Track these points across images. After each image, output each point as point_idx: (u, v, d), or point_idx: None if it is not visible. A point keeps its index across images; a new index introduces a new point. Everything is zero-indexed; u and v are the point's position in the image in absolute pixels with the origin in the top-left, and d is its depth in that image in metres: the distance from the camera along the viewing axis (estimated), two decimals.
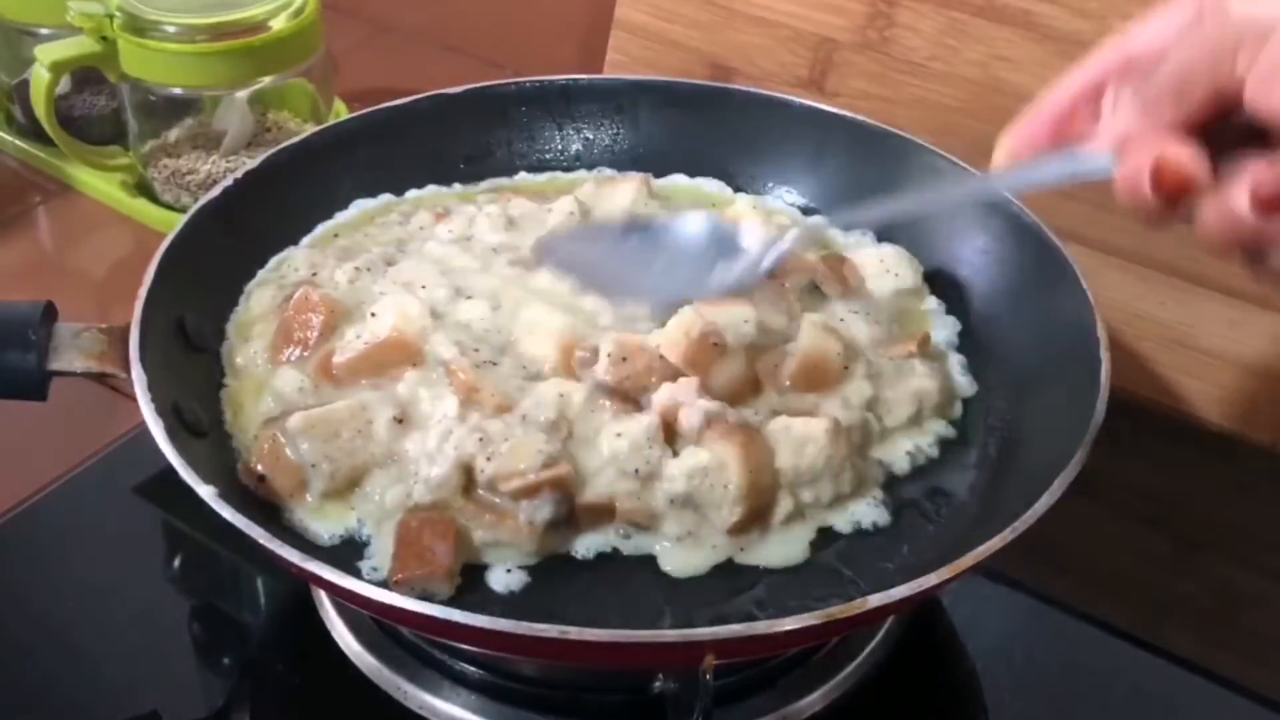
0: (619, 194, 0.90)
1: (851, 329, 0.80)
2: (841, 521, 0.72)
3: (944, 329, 0.85)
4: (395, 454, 0.72)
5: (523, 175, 0.98)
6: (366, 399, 0.73)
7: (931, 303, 0.86)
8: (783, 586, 0.70)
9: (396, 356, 0.75)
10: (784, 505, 0.71)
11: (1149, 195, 0.54)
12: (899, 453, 0.76)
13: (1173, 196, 0.54)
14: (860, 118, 0.94)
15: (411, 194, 0.94)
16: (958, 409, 0.80)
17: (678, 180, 0.97)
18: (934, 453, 0.77)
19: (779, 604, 0.68)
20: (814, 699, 0.74)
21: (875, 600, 0.63)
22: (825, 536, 0.72)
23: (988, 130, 0.98)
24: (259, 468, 0.71)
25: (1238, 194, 0.53)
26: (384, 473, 0.71)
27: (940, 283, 0.88)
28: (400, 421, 0.72)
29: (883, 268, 0.86)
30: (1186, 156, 0.54)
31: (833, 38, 1.07)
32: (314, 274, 0.83)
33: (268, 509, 0.71)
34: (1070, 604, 0.82)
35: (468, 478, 0.70)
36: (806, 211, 0.95)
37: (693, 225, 0.79)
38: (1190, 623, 0.82)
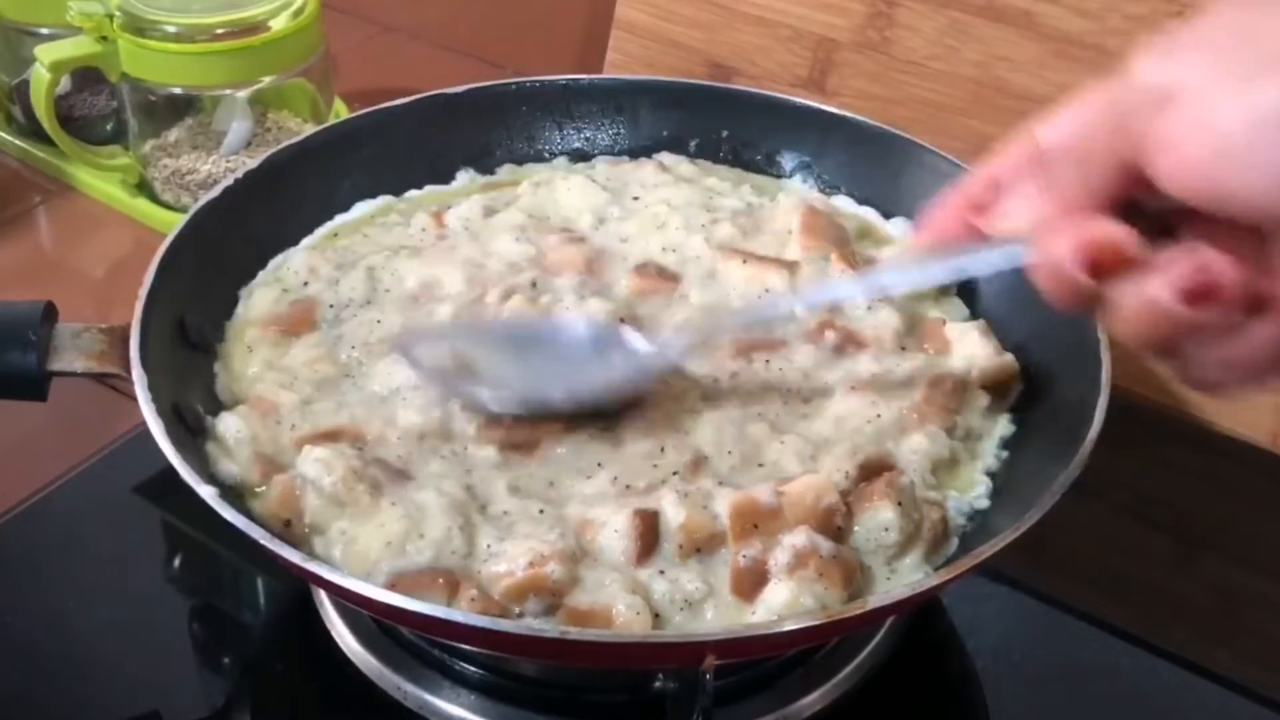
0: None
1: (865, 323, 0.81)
2: (859, 527, 0.70)
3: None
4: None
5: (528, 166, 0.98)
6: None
7: (947, 305, 0.85)
8: None
9: None
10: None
11: (1077, 277, 0.52)
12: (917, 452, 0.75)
13: (1104, 272, 0.51)
14: (860, 117, 0.94)
15: (412, 194, 0.94)
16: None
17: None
18: (944, 453, 0.76)
19: None
20: (814, 699, 0.74)
21: (875, 600, 0.63)
22: None
23: (988, 130, 1.00)
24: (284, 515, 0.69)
25: (1158, 283, 0.50)
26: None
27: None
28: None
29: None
30: (1113, 230, 0.51)
31: (833, 37, 1.07)
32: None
33: None
34: (1071, 604, 0.82)
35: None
36: None
37: (575, 328, 0.76)
38: (1190, 622, 0.82)
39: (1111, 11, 0.95)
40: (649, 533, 0.67)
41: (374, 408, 0.75)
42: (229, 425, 0.73)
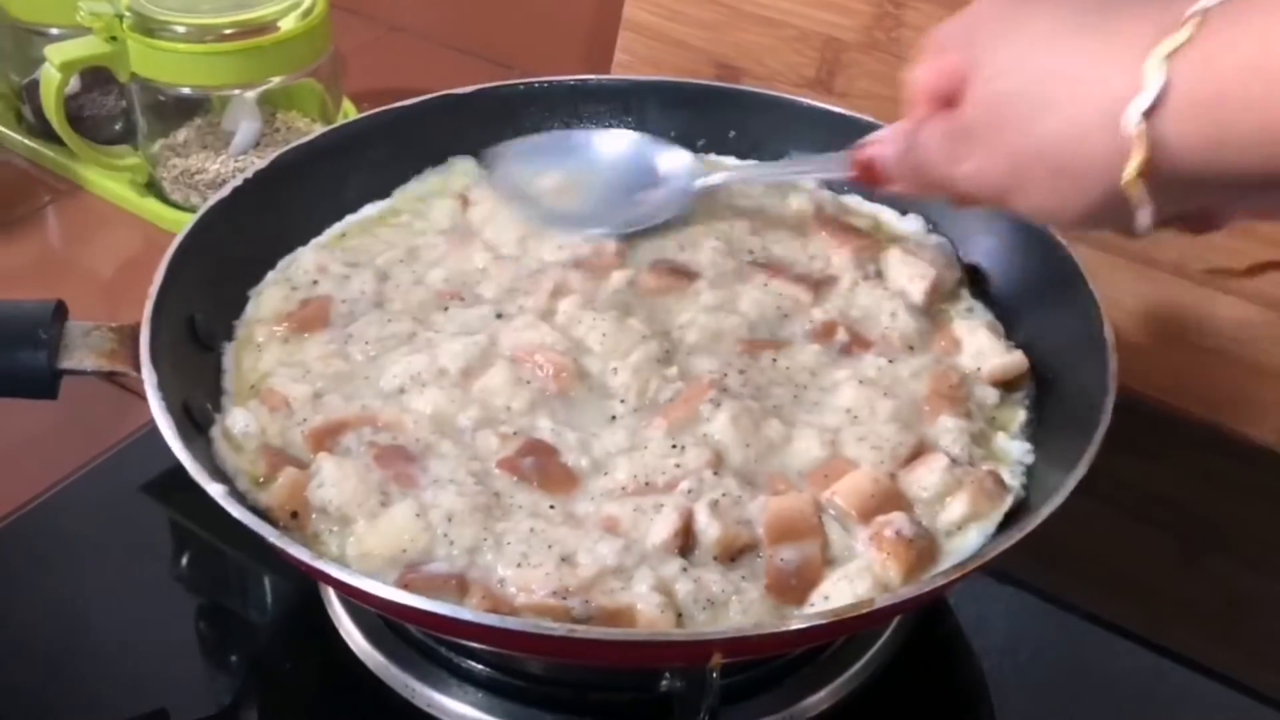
0: None
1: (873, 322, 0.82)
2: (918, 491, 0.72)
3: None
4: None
5: None
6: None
7: (956, 302, 0.85)
8: None
9: None
10: None
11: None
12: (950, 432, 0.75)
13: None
14: (868, 118, 0.94)
15: (411, 188, 0.94)
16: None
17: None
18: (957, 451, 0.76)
19: None
20: (821, 697, 0.74)
21: (882, 600, 0.63)
22: None
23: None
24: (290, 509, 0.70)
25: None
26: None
27: None
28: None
29: (909, 271, 0.85)
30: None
31: (839, 38, 1.07)
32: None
33: None
34: (1076, 604, 0.82)
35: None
36: None
37: (616, 147, 0.89)
38: (1195, 622, 0.82)
39: None
40: (684, 530, 0.68)
41: (388, 399, 0.75)
42: (238, 419, 0.73)
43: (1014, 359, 0.79)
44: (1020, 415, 0.78)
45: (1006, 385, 0.79)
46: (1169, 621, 0.82)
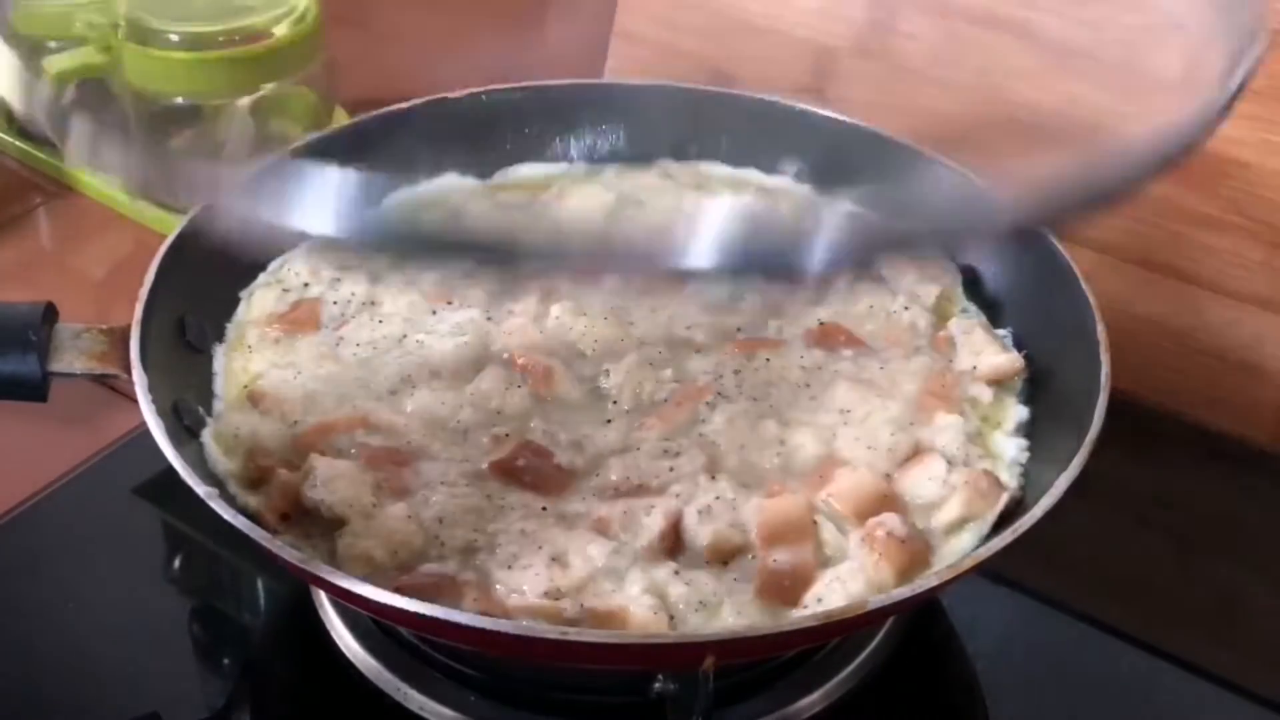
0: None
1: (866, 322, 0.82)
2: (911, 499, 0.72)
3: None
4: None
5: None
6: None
7: (952, 303, 0.85)
8: None
9: None
10: None
11: None
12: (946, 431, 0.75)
13: None
14: (861, 124, 0.94)
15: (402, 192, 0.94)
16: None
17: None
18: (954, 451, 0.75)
19: None
20: (814, 699, 0.74)
21: (875, 601, 0.63)
22: None
23: (988, 137, 1.00)
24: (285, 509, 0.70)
25: None
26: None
27: None
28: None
29: (917, 274, 0.85)
30: None
31: (833, 45, 1.07)
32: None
33: None
34: (1070, 605, 0.82)
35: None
36: None
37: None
38: (1190, 624, 0.82)
39: (1110, 21, 0.95)
40: (670, 532, 0.68)
41: (380, 400, 0.75)
42: (229, 422, 0.73)
43: (1010, 358, 0.79)
44: (1015, 412, 0.78)
45: (999, 383, 0.79)
46: (1164, 623, 0.82)
